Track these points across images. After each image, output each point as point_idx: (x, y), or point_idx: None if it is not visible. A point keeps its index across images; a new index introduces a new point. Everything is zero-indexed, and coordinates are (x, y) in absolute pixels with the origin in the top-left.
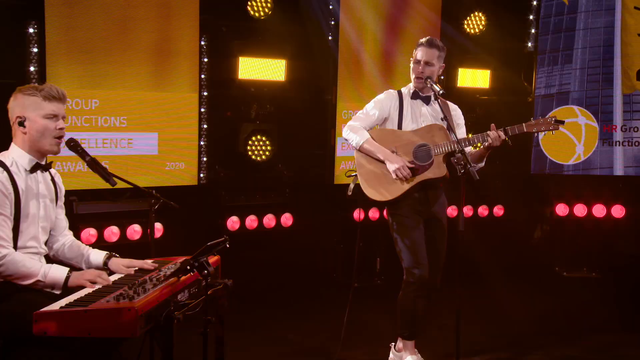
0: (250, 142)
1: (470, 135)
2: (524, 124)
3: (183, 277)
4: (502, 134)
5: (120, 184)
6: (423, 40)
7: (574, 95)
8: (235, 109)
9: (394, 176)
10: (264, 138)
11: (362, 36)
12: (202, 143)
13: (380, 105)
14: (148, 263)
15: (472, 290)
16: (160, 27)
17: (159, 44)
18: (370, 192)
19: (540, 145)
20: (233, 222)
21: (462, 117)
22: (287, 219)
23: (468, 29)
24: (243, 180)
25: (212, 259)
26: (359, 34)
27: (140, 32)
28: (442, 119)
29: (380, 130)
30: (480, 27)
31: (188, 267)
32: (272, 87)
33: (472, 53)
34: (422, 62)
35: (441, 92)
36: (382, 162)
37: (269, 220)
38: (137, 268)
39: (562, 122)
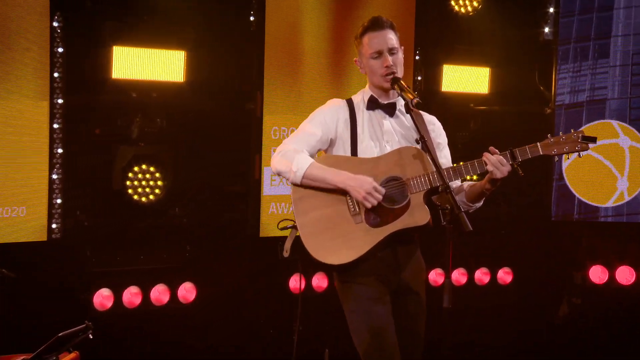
0: (130, 175)
1: (460, 164)
2: (538, 144)
3: None
4: (506, 159)
5: None
6: (367, 23)
7: (613, 105)
8: (108, 125)
9: (367, 205)
10: (151, 168)
11: (301, 18)
12: (54, 177)
13: (323, 120)
14: None
15: None
16: None
17: None
18: (318, 251)
19: (565, 178)
20: (103, 298)
21: (443, 133)
22: (187, 292)
23: (457, 8)
24: (119, 232)
25: (67, 358)
26: (295, 16)
27: None
28: (417, 140)
29: (326, 158)
30: (475, 4)
31: None
32: (166, 91)
33: (464, 43)
34: (385, 52)
35: (415, 100)
36: (339, 193)
37: (160, 293)
38: None
39: (594, 140)
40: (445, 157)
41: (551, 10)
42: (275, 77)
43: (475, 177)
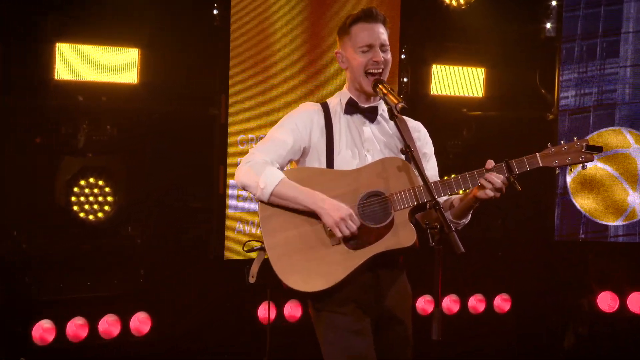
0: (76, 190)
1: (450, 177)
2: (537, 154)
3: None
4: (499, 173)
5: None
6: (359, 12)
7: (623, 110)
8: (51, 132)
9: (337, 233)
10: (100, 182)
11: (272, 12)
12: None
13: (294, 127)
14: None
15: None
16: None
17: None
18: (289, 276)
19: (570, 192)
20: (44, 330)
21: (430, 142)
22: (140, 324)
23: (448, 0)
24: (63, 255)
25: None
26: (265, 9)
27: None
28: (403, 150)
29: (299, 171)
30: None
31: None
32: (117, 94)
33: (456, 40)
34: (376, 47)
35: (400, 105)
36: (310, 215)
37: (109, 325)
38: None
39: (599, 150)
40: (432, 169)
41: (553, 3)
42: (242, 78)
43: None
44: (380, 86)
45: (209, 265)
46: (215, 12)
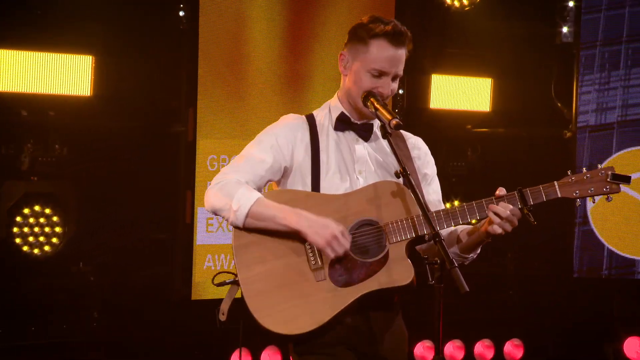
0: (19, 219)
1: (454, 204)
2: (556, 184)
3: None
4: (511, 203)
5: None
6: (389, 28)
7: None
8: None
9: (330, 254)
10: (47, 210)
11: (246, 14)
12: None
13: (274, 143)
14: None
15: None
16: None
17: None
18: (267, 316)
19: (591, 221)
20: None
21: (431, 161)
22: None
23: (449, 1)
24: (4, 296)
25: None
26: (239, 10)
27: None
28: (397, 173)
29: (279, 194)
30: None
31: None
32: (67, 108)
33: (458, 46)
34: (389, 77)
35: (394, 122)
36: (295, 239)
37: None
38: None
39: (627, 180)
40: (434, 192)
41: (571, 4)
42: (212, 89)
43: (474, 222)
44: (371, 99)
45: (174, 307)
46: (181, 13)
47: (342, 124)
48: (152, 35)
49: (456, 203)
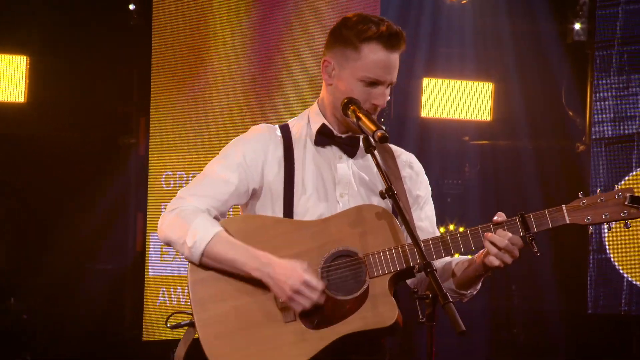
0: None
1: (449, 229)
2: (564, 208)
3: None
4: (511, 231)
5: None
6: (384, 31)
7: None
8: None
9: (296, 308)
10: None
11: (207, 8)
12: None
13: (241, 160)
14: None
15: None
16: None
17: None
18: None
19: (608, 249)
20: None
21: (425, 181)
22: None
23: None
24: None
25: None
26: (199, 4)
27: None
28: (382, 193)
29: (245, 220)
30: None
31: None
32: None
33: (454, 45)
34: (384, 86)
35: (379, 133)
36: (256, 283)
37: None
38: None
39: None
40: (427, 218)
41: None
42: (167, 96)
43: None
44: (352, 107)
45: (123, 349)
46: (131, 6)
47: (323, 137)
48: (98, 32)
49: (451, 227)
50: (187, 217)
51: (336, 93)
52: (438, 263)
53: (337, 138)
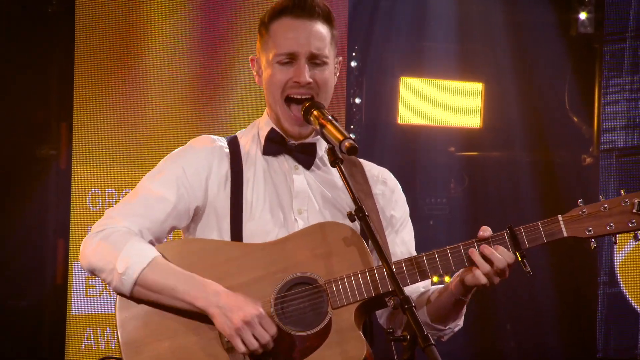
0: None
1: (422, 255)
2: (560, 218)
3: None
4: (503, 244)
5: None
6: (287, 0)
7: None
8: None
9: (241, 348)
10: None
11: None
12: None
13: (181, 174)
14: None
15: None
16: None
17: None
18: None
19: (620, 280)
20: None
21: (402, 200)
22: None
23: None
24: None
25: None
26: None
27: None
28: (351, 214)
29: (186, 244)
30: None
31: None
32: None
33: (438, 39)
34: (301, 58)
35: (347, 144)
36: (197, 314)
37: None
38: None
39: None
40: (403, 243)
41: None
42: (93, 102)
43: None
44: (315, 112)
45: None
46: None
47: (273, 145)
48: (10, 20)
49: (428, 252)
50: (117, 240)
51: (265, 90)
52: (412, 291)
53: (289, 146)
